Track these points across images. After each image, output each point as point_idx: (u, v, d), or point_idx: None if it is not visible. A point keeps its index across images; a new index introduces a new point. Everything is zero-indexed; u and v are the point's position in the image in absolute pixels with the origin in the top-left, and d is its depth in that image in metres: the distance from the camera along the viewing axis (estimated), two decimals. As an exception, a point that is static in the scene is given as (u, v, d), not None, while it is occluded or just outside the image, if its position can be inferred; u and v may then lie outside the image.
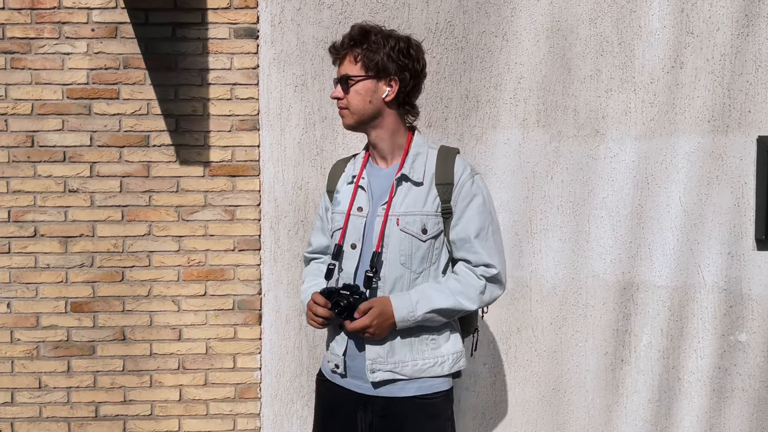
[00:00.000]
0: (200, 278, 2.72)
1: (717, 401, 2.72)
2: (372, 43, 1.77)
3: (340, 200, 1.91)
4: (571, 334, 2.72)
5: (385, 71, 1.78)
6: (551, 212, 2.70)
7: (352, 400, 1.83)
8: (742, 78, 2.65)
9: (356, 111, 1.80)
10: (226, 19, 2.67)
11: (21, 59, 2.65)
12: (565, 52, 2.67)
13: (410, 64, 1.80)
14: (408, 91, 1.82)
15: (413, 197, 1.80)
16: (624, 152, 2.68)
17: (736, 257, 2.68)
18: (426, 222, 1.79)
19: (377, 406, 1.80)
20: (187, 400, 2.74)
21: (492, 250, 1.81)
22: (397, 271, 1.79)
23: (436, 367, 1.81)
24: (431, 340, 1.82)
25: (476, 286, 1.79)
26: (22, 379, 2.72)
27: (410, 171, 1.81)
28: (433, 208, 1.80)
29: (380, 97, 1.80)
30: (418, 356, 1.80)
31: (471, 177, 1.82)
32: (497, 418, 2.75)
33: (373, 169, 1.89)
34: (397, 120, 1.85)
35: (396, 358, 1.78)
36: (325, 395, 1.93)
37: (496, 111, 2.69)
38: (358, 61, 1.78)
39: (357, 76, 1.78)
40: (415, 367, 1.79)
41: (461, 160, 1.84)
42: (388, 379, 1.79)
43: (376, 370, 1.78)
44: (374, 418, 1.80)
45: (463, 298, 1.78)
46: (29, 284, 2.70)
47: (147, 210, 2.70)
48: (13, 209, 2.68)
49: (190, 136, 2.69)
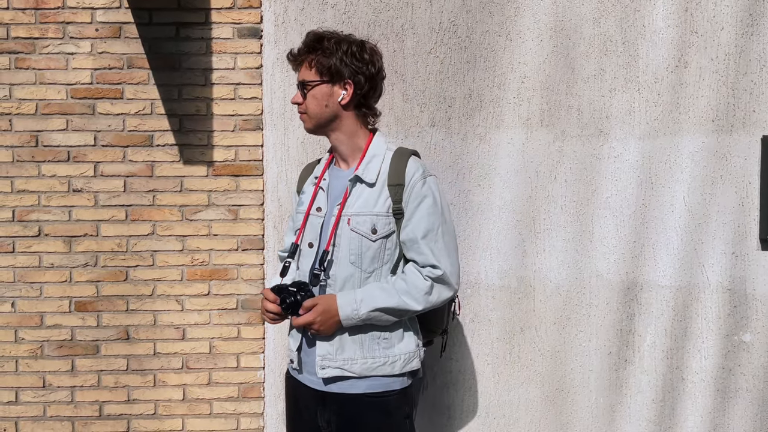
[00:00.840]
0: (204, 278, 2.72)
1: (721, 401, 2.72)
2: (325, 48, 1.83)
3: (303, 200, 1.98)
4: (575, 334, 2.72)
5: (338, 75, 1.83)
6: (555, 212, 2.70)
7: (310, 396, 1.88)
8: (747, 77, 2.64)
9: (314, 115, 1.87)
10: (229, 19, 2.67)
11: (25, 59, 2.66)
12: (569, 52, 2.66)
13: (363, 68, 1.85)
14: (363, 93, 1.87)
15: (365, 198, 1.84)
16: (628, 152, 2.67)
17: (740, 257, 2.67)
18: (376, 222, 1.82)
19: (333, 403, 1.84)
20: (190, 399, 2.74)
21: (441, 251, 1.83)
22: (347, 270, 1.83)
23: (386, 366, 1.84)
24: (383, 339, 1.85)
25: (421, 287, 1.82)
26: (26, 378, 2.73)
27: (363, 172, 1.86)
28: (384, 209, 1.83)
29: (336, 101, 1.85)
30: (368, 354, 1.83)
31: (423, 178, 1.85)
32: (500, 417, 2.75)
33: (334, 170, 1.95)
34: (356, 122, 1.90)
35: (345, 355, 1.82)
36: (288, 391, 1.99)
37: (500, 110, 2.68)
38: (312, 66, 1.85)
39: (312, 81, 1.85)
40: (364, 365, 1.82)
41: (414, 162, 1.88)
42: (337, 376, 1.82)
43: (326, 367, 1.82)
44: (331, 415, 1.85)
45: (408, 298, 1.80)
46: (33, 284, 2.70)
47: (151, 209, 2.70)
48: (17, 209, 2.69)
49: (194, 136, 2.69)
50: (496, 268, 2.69)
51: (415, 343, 1.90)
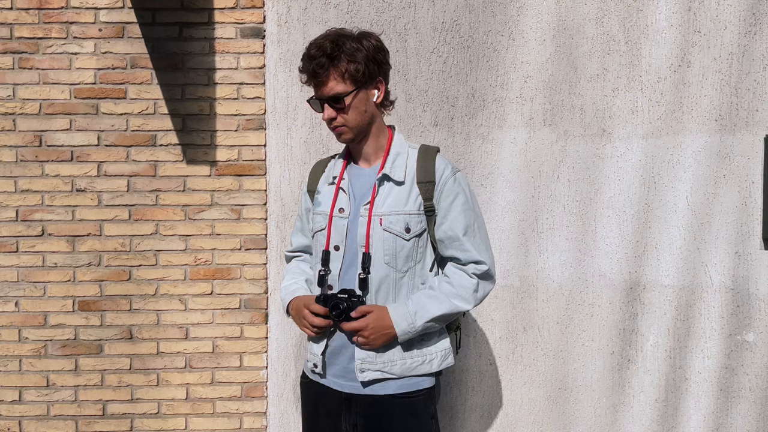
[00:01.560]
0: (207, 277, 2.72)
1: (724, 401, 2.72)
2: (350, 53, 1.73)
3: (321, 201, 1.91)
4: (578, 334, 2.72)
5: (371, 76, 1.77)
6: (558, 211, 2.70)
7: (334, 400, 1.84)
8: (750, 77, 2.63)
9: (356, 125, 1.80)
10: (232, 19, 2.68)
11: (29, 59, 2.66)
12: (572, 51, 2.66)
13: (384, 58, 1.81)
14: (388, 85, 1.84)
15: (395, 197, 1.80)
16: (631, 151, 2.67)
17: (743, 256, 2.67)
18: (409, 221, 1.79)
19: (360, 406, 1.80)
20: (193, 398, 2.75)
21: (480, 246, 1.82)
22: (382, 271, 1.79)
23: (425, 365, 1.82)
24: (420, 337, 1.81)
25: (469, 286, 1.80)
26: (29, 377, 2.73)
27: (391, 170, 1.81)
28: (416, 207, 1.80)
29: (372, 103, 1.81)
30: (407, 354, 1.80)
31: (453, 174, 1.82)
32: (503, 417, 2.75)
33: (354, 169, 1.89)
34: (381, 119, 1.87)
35: (385, 357, 1.79)
36: (308, 395, 1.93)
37: (503, 110, 2.68)
38: (346, 78, 1.74)
39: (350, 92, 1.75)
40: (404, 366, 1.80)
41: (441, 159, 1.85)
42: (377, 378, 1.79)
43: (366, 370, 1.79)
44: (358, 418, 1.81)
45: (458, 300, 1.79)
46: (37, 283, 2.71)
47: (154, 209, 2.71)
48: (21, 208, 2.69)
49: (197, 136, 2.70)
50: (498, 268, 2.69)
51: (448, 339, 1.87)
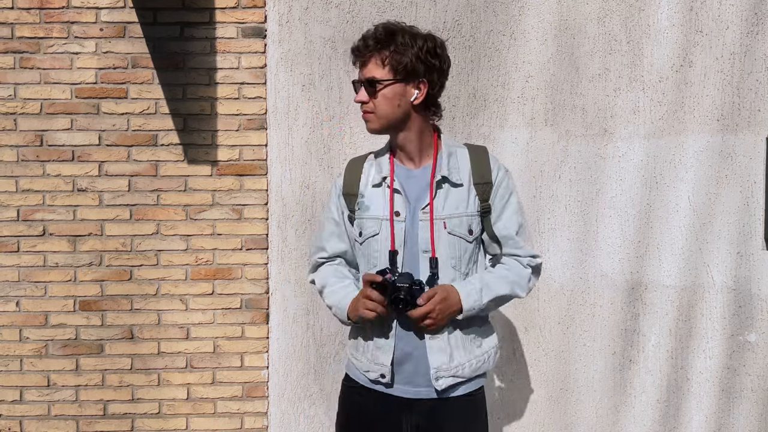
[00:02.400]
0: (208, 277, 2.72)
1: (726, 402, 2.71)
2: (399, 44, 1.70)
3: (368, 204, 1.82)
4: (579, 334, 2.71)
5: (414, 74, 1.72)
6: (559, 211, 2.69)
7: (397, 406, 1.80)
8: (752, 77, 2.63)
9: (383, 116, 1.74)
10: (233, 19, 2.67)
11: (30, 59, 2.66)
12: (573, 51, 2.66)
13: (437, 64, 1.74)
14: (435, 92, 1.78)
15: (454, 199, 1.77)
16: (632, 151, 2.67)
17: (745, 257, 2.66)
18: (471, 223, 1.78)
19: (423, 408, 1.78)
20: (194, 398, 2.74)
21: (531, 241, 1.88)
22: (449, 275, 1.76)
23: (485, 363, 1.84)
24: (475, 337, 1.82)
25: (525, 275, 1.83)
26: (30, 377, 2.73)
27: (449, 172, 1.78)
28: (475, 209, 1.79)
29: (408, 101, 1.74)
30: (471, 356, 1.80)
31: (506, 175, 1.84)
32: (505, 417, 2.75)
33: (401, 170, 1.83)
34: (424, 121, 1.80)
35: (455, 362, 1.78)
36: (359, 403, 1.86)
37: (504, 110, 2.68)
38: (386, 64, 1.70)
39: (385, 80, 1.71)
40: (471, 367, 1.80)
41: (493, 158, 1.85)
42: (451, 384, 1.78)
43: (440, 377, 1.77)
44: (421, 420, 1.79)
45: (516, 287, 1.81)
46: (38, 283, 2.71)
47: (155, 209, 2.71)
48: (22, 208, 2.69)
49: (198, 136, 2.70)
50: (500, 268, 2.69)
51: (496, 335, 1.89)
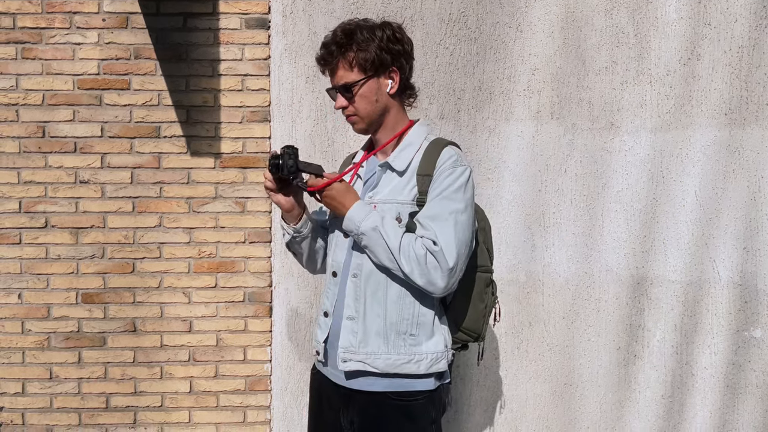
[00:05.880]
0: (211, 270, 2.71)
1: (731, 397, 2.70)
2: (361, 42, 1.72)
3: None
4: (584, 329, 2.70)
5: (383, 66, 1.74)
6: (564, 206, 2.67)
7: (335, 395, 1.83)
8: (760, 70, 2.61)
9: (366, 114, 1.78)
10: (237, 10, 2.65)
11: (32, 49, 2.64)
12: (580, 44, 2.63)
13: (402, 48, 1.77)
14: (407, 74, 1.81)
15: (393, 186, 1.79)
16: (639, 145, 2.64)
17: (751, 252, 2.65)
18: (401, 211, 1.75)
19: (356, 403, 1.78)
20: (197, 391, 2.74)
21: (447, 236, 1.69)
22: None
23: (411, 364, 1.75)
24: (410, 335, 1.76)
25: (417, 252, 1.69)
26: (33, 369, 2.72)
27: (394, 160, 1.80)
28: (410, 198, 1.76)
29: (384, 93, 1.78)
30: (392, 350, 1.75)
31: (453, 167, 1.74)
32: (509, 412, 2.74)
33: (372, 159, 1.89)
34: (400, 110, 1.83)
35: (369, 348, 1.75)
36: (313, 386, 1.95)
37: (510, 103, 2.66)
38: (354, 65, 1.74)
39: (358, 81, 1.74)
40: (388, 361, 1.75)
41: (449, 151, 1.77)
42: (359, 370, 1.76)
43: (348, 360, 1.76)
44: (354, 416, 1.79)
45: (403, 253, 1.69)
46: (40, 275, 2.70)
47: (158, 201, 2.69)
48: (24, 200, 2.68)
49: (201, 128, 2.68)
50: (504, 262, 2.67)
51: (444, 343, 1.80)
